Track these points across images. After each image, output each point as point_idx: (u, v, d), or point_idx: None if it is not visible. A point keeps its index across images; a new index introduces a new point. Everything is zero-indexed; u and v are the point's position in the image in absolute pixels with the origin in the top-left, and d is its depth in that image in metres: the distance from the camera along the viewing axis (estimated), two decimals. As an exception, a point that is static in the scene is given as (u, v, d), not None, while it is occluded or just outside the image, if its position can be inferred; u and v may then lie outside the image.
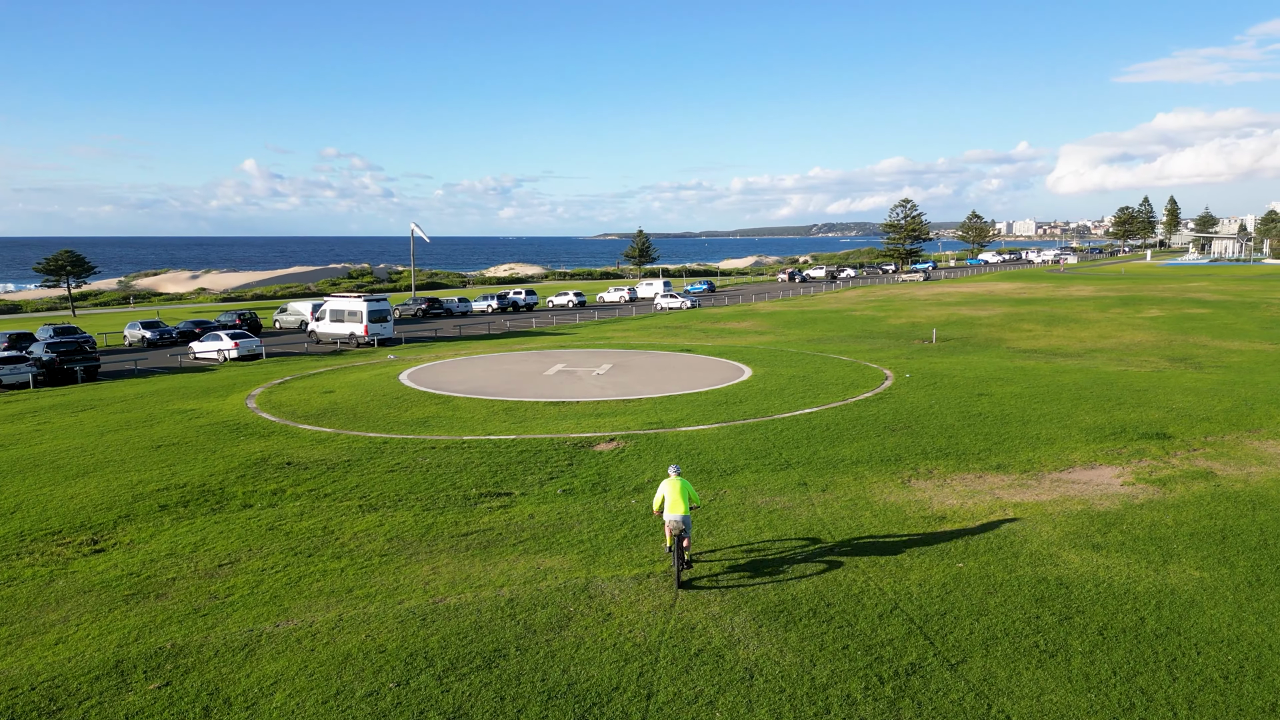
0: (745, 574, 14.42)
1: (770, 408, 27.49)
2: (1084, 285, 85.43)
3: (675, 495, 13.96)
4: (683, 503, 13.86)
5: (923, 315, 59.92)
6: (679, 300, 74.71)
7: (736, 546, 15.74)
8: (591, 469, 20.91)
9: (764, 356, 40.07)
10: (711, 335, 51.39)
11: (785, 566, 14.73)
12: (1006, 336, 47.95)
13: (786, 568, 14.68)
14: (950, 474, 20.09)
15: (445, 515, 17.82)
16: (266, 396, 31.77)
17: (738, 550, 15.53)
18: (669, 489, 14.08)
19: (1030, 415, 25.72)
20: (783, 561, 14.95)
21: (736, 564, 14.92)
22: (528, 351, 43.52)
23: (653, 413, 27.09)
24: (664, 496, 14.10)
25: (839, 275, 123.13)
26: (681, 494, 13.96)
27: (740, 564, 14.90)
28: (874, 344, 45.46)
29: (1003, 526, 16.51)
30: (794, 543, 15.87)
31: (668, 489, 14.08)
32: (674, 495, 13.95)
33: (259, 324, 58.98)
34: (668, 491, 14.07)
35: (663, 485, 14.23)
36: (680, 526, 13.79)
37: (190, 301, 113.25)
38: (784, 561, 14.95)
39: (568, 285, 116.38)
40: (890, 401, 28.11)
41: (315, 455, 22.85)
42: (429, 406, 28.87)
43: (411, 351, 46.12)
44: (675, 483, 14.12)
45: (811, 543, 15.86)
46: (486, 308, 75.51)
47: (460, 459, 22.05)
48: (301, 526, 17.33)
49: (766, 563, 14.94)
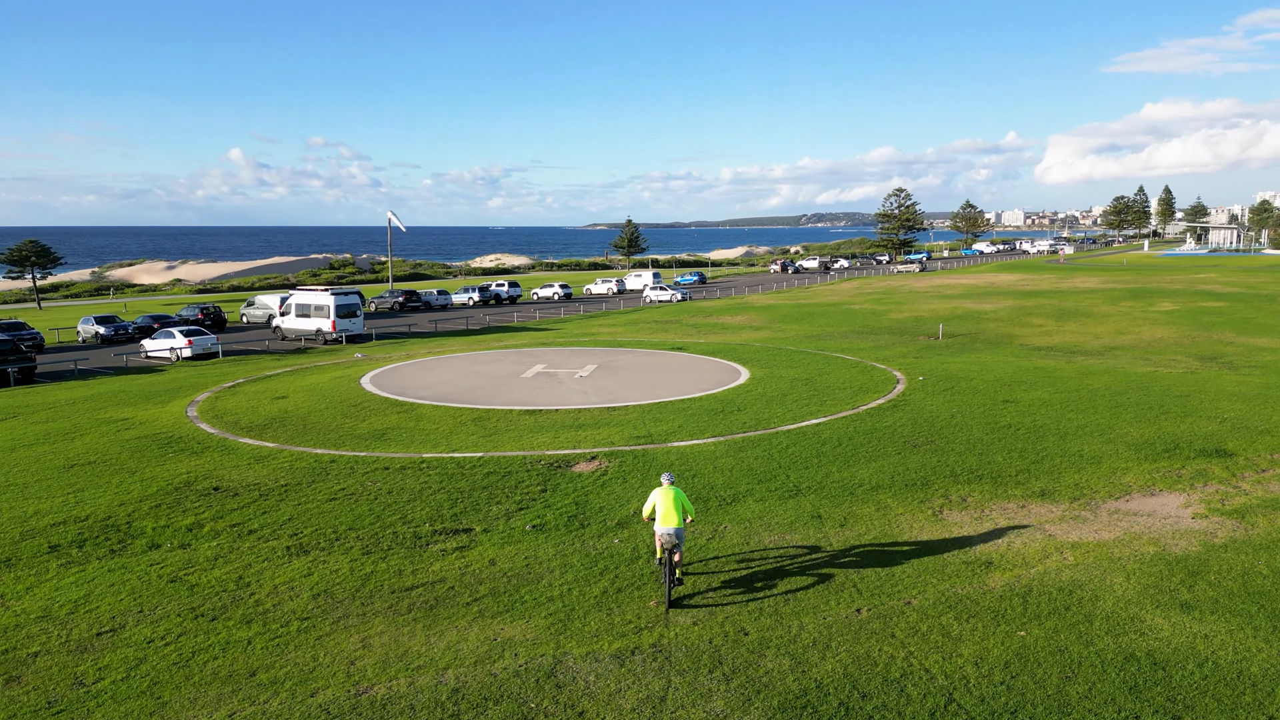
0: (755, 646, 11.43)
1: (772, 417, 24.50)
2: (1087, 276, 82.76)
3: (668, 506, 12.87)
4: (676, 515, 12.78)
5: (925, 309, 57.04)
6: (669, 293, 71.60)
7: (743, 602, 12.76)
8: (568, 497, 17.87)
9: (762, 355, 37.09)
10: (704, 331, 48.36)
11: (804, 634, 11.75)
12: (1017, 332, 45.09)
13: (806, 637, 11.69)
14: (988, 502, 17.15)
15: (389, 560, 14.76)
16: (211, 403, 28.58)
17: (745, 609, 12.54)
18: (661, 499, 12.98)
19: (1067, 427, 22.80)
20: (801, 628, 11.97)
21: (743, 628, 11.93)
22: (506, 350, 40.40)
23: (640, 424, 24.06)
24: (655, 506, 13.03)
25: (833, 266, 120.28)
26: (675, 505, 12.86)
27: (747, 629, 11.92)
28: (877, 341, 42.53)
29: (1064, 576, 13.57)
30: (812, 597, 12.90)
31: (660, 498, 13.00)
32: (666, 506, 12.86)
33: (223, 319, 55.60)
34: (660, 501, 12.98)
35: (654, 494, 13.14)
36: (673, 541, 12.71)
37: (164, 293, 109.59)
38: (802, 628, 11.97)
39: (553, 276, 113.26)
40: (906, 410, 25.16)
41: (250, 477, 19.73)
42: (389, 416, 25.75)
43: (381, 349, 42.91)
44: (668, 493, 12.99)
45: (833, 596, 12.89)
46: (467, 300, 72.19)
47: (416, 483, 18.97)
48: (211, 577, 14.23)
49: (780, 627, 11.96)
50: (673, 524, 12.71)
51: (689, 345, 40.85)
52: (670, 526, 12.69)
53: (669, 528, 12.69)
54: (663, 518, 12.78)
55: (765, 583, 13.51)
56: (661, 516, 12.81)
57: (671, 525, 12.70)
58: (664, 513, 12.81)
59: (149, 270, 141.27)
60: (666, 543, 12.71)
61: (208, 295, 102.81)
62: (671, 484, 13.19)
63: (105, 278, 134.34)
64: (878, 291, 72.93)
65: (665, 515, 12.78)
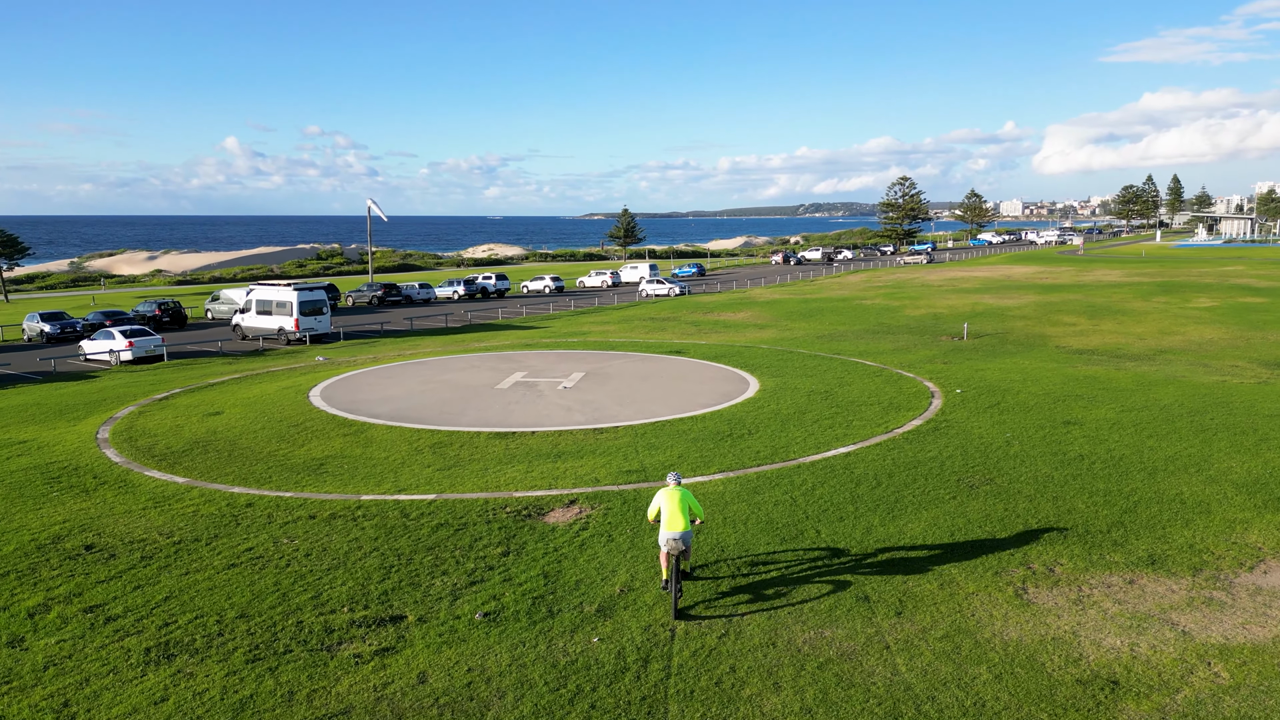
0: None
1: (790, 444, 20.41)
2: (1108, 269, 78.67)
3: (674, 509, 12.11)
4: (683, 518, 12.08)
5: (943, 304, 52.93)
6: (666, 286, 67.34)
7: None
8: (535, 564, 13.79)
9: (771, 360, 32.98)
10: (704, 330, 44.23)
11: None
12: (1048, 332, 41.00)
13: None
14: (1084, 574, 13.10)
15: (280, 674, 10.69)
16: (130, 421, 24.45)
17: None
18: (667, 501, 12.21)
19: (1152, 460, 18.73)
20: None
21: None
22: (484, 353, 36.23)
23: (632, 451, 19.97)
24: (660, 509, 12.25)
25: (836, 257, 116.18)
26: (682, 508, 12.15)
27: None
28: (896, 341, 38.45)
29: (1227, 708, 9.54)
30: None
31: (665, 501, 12.24)
32: (673, 509, 12.12)
33: (184, 315, 51.29)
34: (665, 503, 12.21)
35: (659, 496, 12.38)
36: (680, 546, 12.01)
37: (143, 284, 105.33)
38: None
39: (545, 268, 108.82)
40: (950, 434, 21.09)
41: (138, 530, 15.64)
42: (333, 439, 21.64)
43: (347, 351, 38.73)
44: (674, 494, 12.27)
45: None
46: (452, 294, 67.86)
47: (345, 541, 14.88)
48: (25, 704, 10.16)
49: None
50: (680, 528, 11.94)
51: (689, 348, 36.74)
52: (677, 531, 11.93)
53: (676, 532, 11.93)
54: (669, 522, 12.00)
55: (803, 717, 9.46)
56: (668, 520, 12.02)
57: (679, 529, 11.94)
58: (670, 516, 12.03)
59: (129, 261, 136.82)
60: (674, 548, 11.96)
61: (186, 287, 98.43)
62: (678, 484, 12.39)
63: (84, 268, 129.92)
64: (888, 285, 68.78)
65: (671, 519, 12.01)
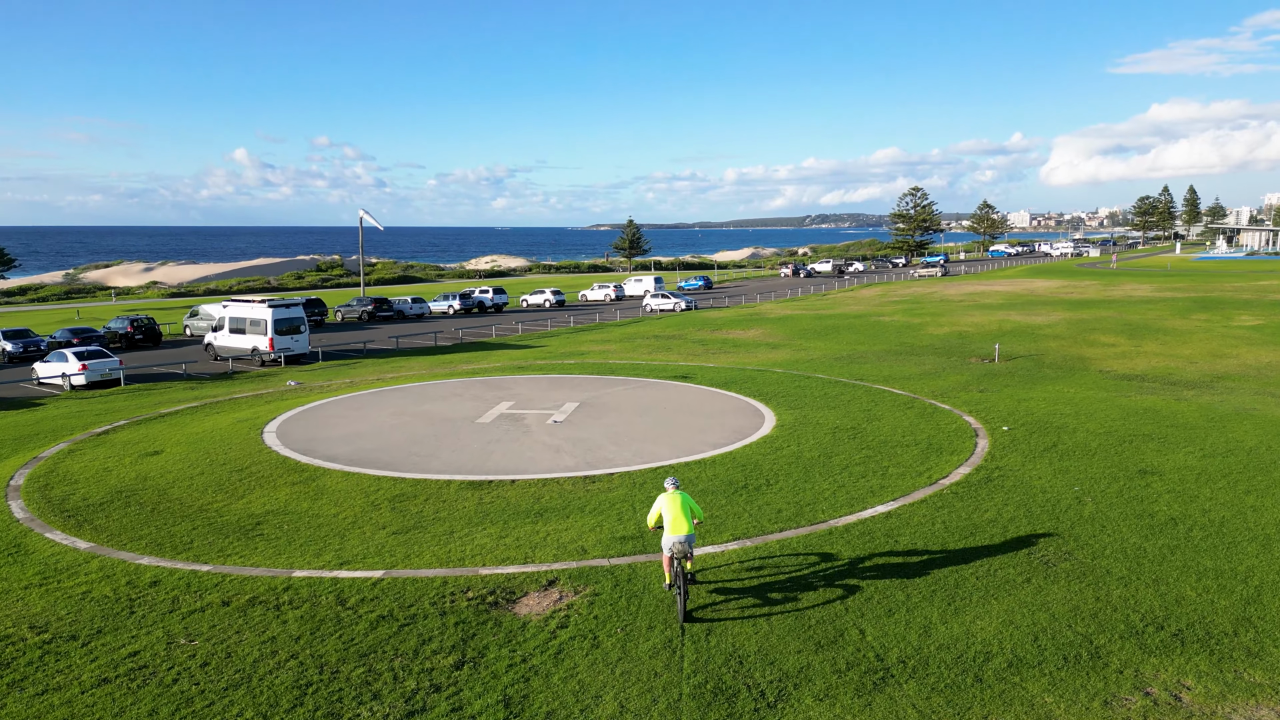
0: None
1: (818, 499, 17.14)
2: (1135, 283, 75.23)
3: (677, 513, 11.93)
4: (686, 522, 11.90)
5: (967, 322, 49.59)
6: (672, 301, 64.05)
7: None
8: (496, 684, 10.54)
9: (787, 387, 29.72)
10: (712, 350, 41.00)
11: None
12: (1087, 354, 37.66)
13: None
14: (1220, 704, 9.81)
15: None
16: (55, 463, 21.29)
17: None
18: (668, 505, 12.02)
19: (1260, 524, 15.42)
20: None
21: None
22: (471, 378, 33.04)
23: (628, 509, 16.73)
24: (661, 513, 12.08)
25: (847, 269, 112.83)
26: (684, 511, 11.99)
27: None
28: (922, 364, 35.18)
29: None
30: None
31: (667, 505, 12.03)
32: (675, 513, 11.92)
33: (158, 332, 48.16)
34: (667, 508, 12.03)
35: (660, 500, 12.20)
36: (684, 549, 11.89)
37: (137, 296, 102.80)
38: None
39: (546, 281, 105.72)
40: (1007, 486, 17.80)
41: (7, 618, 12.46)
42: (279, 489, 18.45)
43: (324, 374, 35.58)
44: (676, 498, 12.05)
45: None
46: (448, 309, 64.67)
47: (257, 641, 11.67)
48: None
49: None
50: (683, 531, 11.89)
51: (696, 371, 33.50)
52: (681, 535, 11.88)
53: (679, 536, 11.89)
54: (672, 526, 11.92)
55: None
56: (671, 525, 11.92)
57: (682, 533, 11.89)
58: (673, 520, 11.93)
59: (125, 272, 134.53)
60: (677, 552, 11.89)
61: (181, 300, 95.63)
62: (677, 488, 12.35)
63: (79, 280, 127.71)
64: (905, 300, 65.45)
65: (675, 523, 11.92)
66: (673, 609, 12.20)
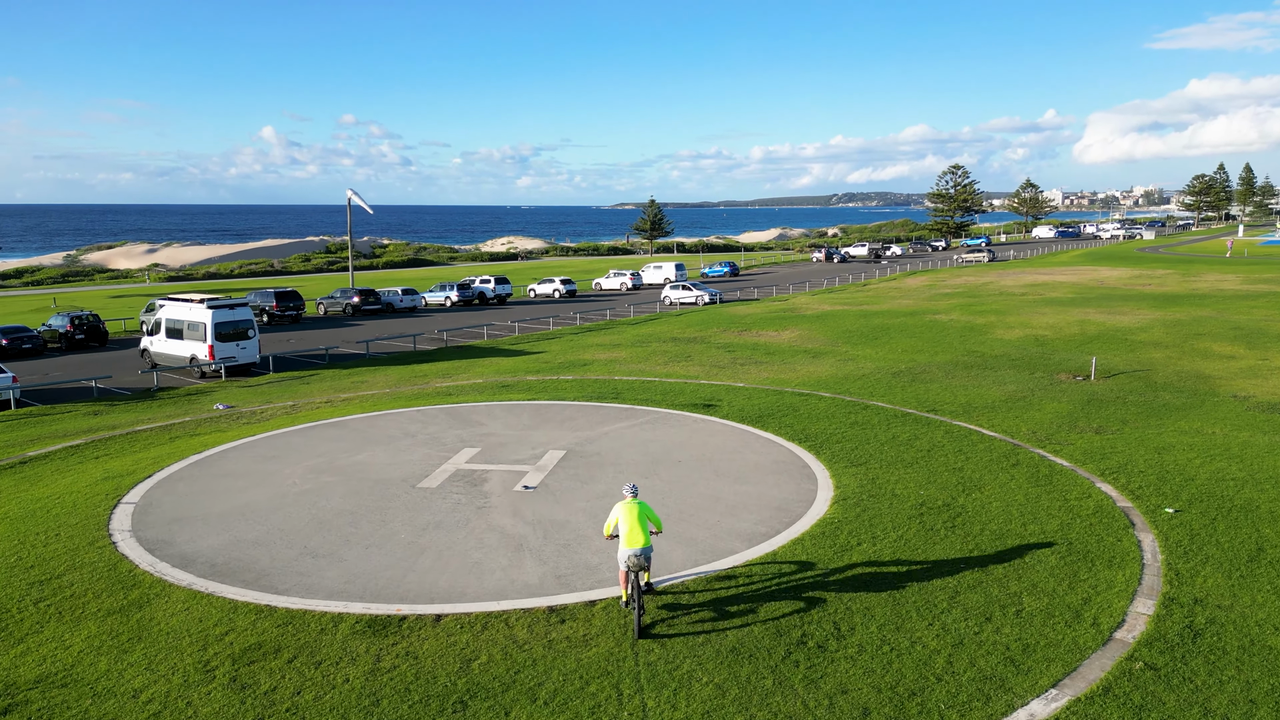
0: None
1: (922, 679, 10.38)
2: (1214, 272, 67.21)
3: (633, 523, 11.49)
4: (643, 533, 11.45)
5: (1041, 323, 42.30)
6: (695, 293, 56.89)
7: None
8: None
9: (840, 423, 22.88)
10: (741, 359, 34.15)
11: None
12: (1206, 370, 30.41)
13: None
14: None
15: None
16: None
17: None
18: (625, 514, 11.58)
19: None
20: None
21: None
22: (437, 406, 26.39)
23: (613, 698, 10.07)
24: (618, 521, 11.64)
25: (884, 254, 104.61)
26: (640, 521, 11.53)
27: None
28: (1001, 382, 28.20)
29: None
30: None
31: (623, 514, 11.60)
32: (632, 523, 11.50)
33: (103, 331, 41.98)
34: (623, 517, 11.58)
35: (616, 509, 11.75)
36: (640, 562, 11.40)
37: (135, 280, 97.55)
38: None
39: (558, 267, 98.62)
40: (1229, 649, 10.95)
41: None
42: (83, 624, 11.95)
43: (264, 394, 29.10)
44: (632, 507, 11.64)
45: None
46: (444, 301, 57.98)
47: None
48: None
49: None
50: (639, 544, 11.38)
51: (721, 395, 26.70)
52: (637, 547, 11.37)
53: (635, 548, 11.37)
54: (628, 538, 11.42)
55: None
56: (627, 536, 11.43)
57: (638, 545, 11.38)
58: (629, 531, 11.44)
59: (128, 254, 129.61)
60: (633, 564, 11.41)
61: (178, 284, 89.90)
62: (635, 496, 11.78)
63: (79, 261, 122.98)
64: (959, 291, 58.05)
65: (630, 535, 11.42)
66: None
